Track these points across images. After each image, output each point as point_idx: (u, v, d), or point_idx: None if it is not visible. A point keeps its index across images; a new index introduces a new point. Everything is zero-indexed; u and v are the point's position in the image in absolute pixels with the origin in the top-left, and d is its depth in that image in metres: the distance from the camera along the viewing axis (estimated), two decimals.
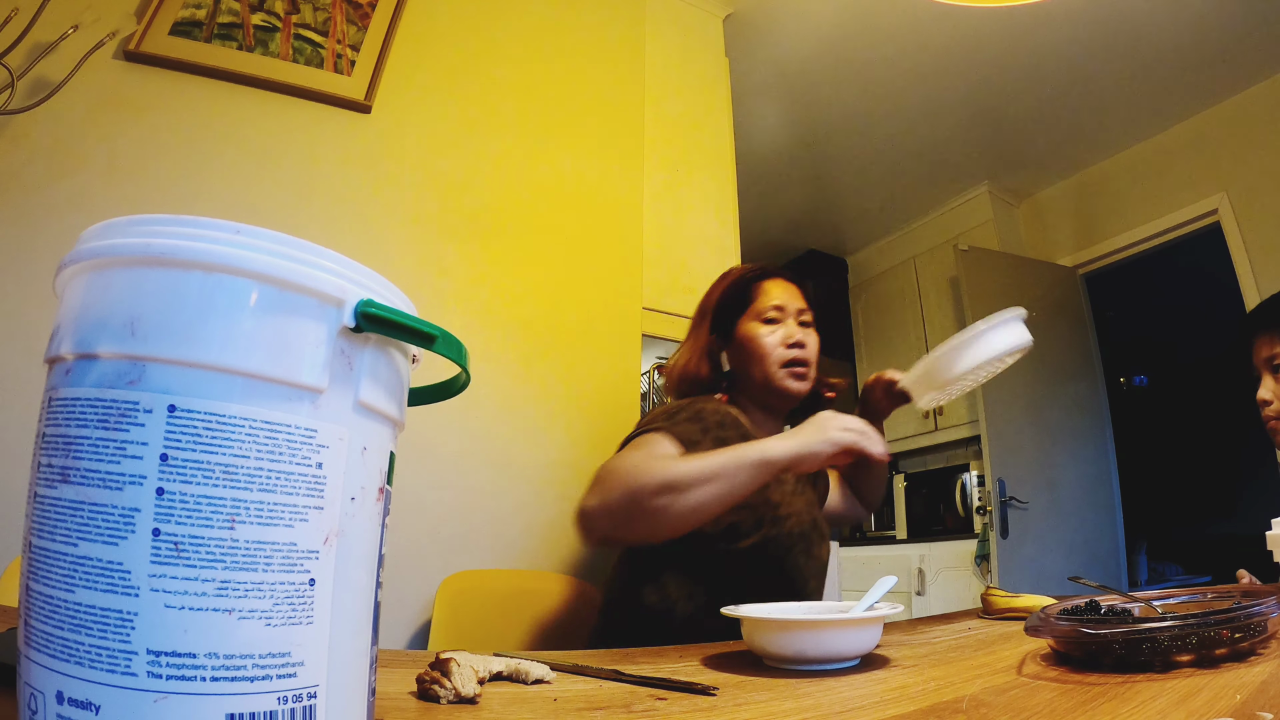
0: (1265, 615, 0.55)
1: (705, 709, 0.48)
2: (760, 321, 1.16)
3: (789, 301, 1.17)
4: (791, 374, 1.13)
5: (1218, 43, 2.46)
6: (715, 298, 1.23)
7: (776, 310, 1.16)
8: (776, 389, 1.13)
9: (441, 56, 1.61)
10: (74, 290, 0.32)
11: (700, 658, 0.70)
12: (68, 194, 1.18)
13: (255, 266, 0.31)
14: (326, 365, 0.32)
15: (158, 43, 1.29)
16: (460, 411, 1.40)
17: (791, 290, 1.20)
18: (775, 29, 2.41)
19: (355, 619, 0.33)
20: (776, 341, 1.14)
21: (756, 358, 1.14)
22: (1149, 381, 4.39)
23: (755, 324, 1.16)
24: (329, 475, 0.32)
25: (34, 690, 0.28)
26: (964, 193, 3.55)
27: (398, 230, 1.45)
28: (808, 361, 1.15)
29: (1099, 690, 0.49)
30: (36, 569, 0.29)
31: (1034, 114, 2.91)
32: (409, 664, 0.61)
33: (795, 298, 1.19)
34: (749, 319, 1.17)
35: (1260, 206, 2.65)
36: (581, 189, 1.72)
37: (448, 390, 0.43)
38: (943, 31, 2.44)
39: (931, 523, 3.40)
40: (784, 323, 1.16)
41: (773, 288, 1.19)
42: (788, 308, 1.17)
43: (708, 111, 2.05)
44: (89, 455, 0.29)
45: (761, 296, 1.18)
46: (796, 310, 1.18)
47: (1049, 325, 3.17)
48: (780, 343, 1.14)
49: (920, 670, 0.61)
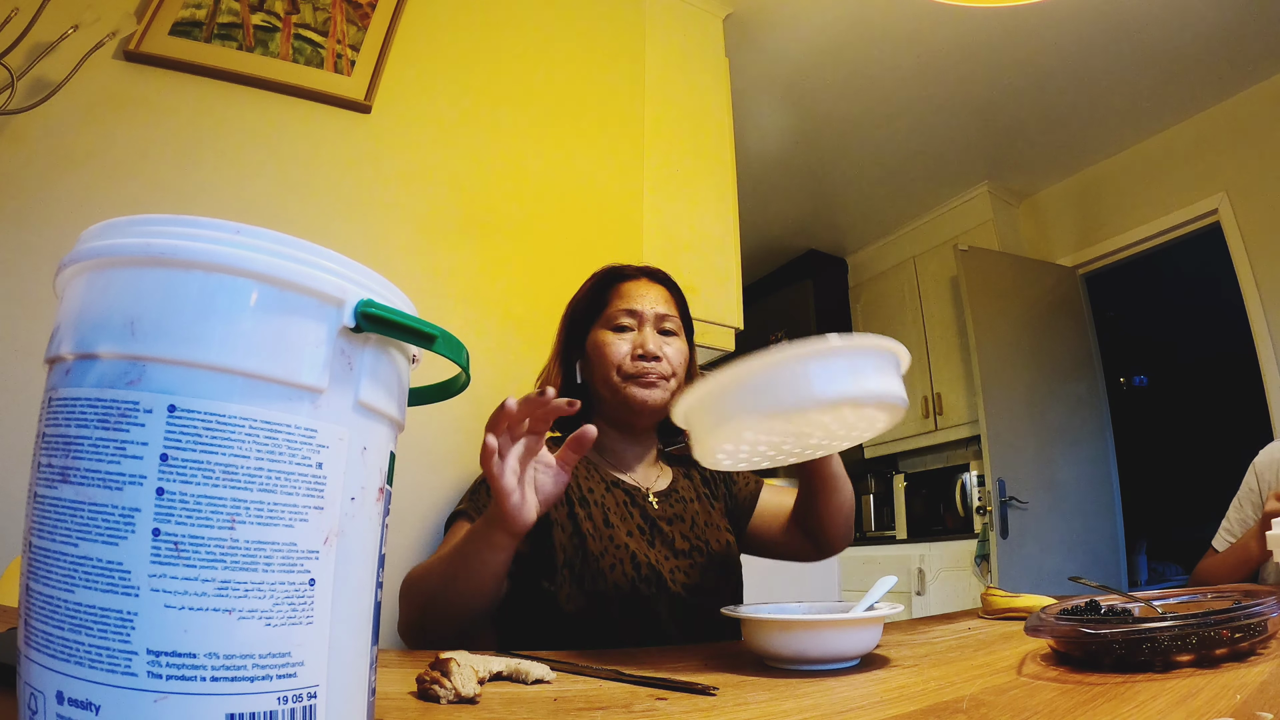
0: (1265, 615, 0.55)
1: (705, 709, 0.49)
2: (610, 329, 1.03)
3: (648, 306, 1.03)
4: (639, 384, 0.99)
5: (1218, 43, 2.46)
6: (572, 303, 1.11)
7: (629, 316, 1.03)
8: (623, 401, 1.00)
9: (441, 56, 1.61)
10: (74, 290, 0.32)
11: (700, 658, 0.70)
12: (68, 194, 1.18)
13: (255, 266, 0.31)
14: (326, 365, 0.32)
15: (158, 43, 1.29)
16: (460, 411, 1.40)
17: (654, 293, 1.06)
18: (775, 29, 2.41)
19: (355, 619, 0.33)
20: (624, 351, 1.00)
21: (600, 369, 1.02)
22: (1149, 381, 4.39)
23: (604, 332, 1.03)
24: (329, 475, 0.32)
25: (34, 690, 0.28)
26: (964, 193, 3.55)
27: (398, 230, 1.45)
28: (660, 374, 1.00)
29: (1099, 690, 0.49)
30: (36, 569, 0.29)
31: (1034, 114, 2.91)
32: (409, 664, 0.61)
33: (657, 301, 1.05)
34: (600, 326, 1.04)
35: (1260, 206, 2.65)
36: (581, 189, 1.72)
37: (448, 390, 0.43)
38: (943, 31, 2.44)
39: (931, 523, 3.40)
40: (640, 330, 1.02)
41: (631, 289, 1.05)
42: (644, 312, 1.03)
43: (708, 111, 2.05)
44: (89, 455, 0.29)
45: (615, 300, 1.04)
46: (656, 315, 1.03)
47: (1049, 325, 3.17)
48: (628, 353, 1.00)
49: (920, 670, 0.61)
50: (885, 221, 3.87)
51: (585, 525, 0.94)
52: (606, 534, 0.94)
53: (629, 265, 1.12)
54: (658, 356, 1.01)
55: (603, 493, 1.00)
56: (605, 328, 1.04)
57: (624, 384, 1.00)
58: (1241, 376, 2.77)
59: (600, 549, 0.92)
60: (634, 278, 1.08)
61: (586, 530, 0.93)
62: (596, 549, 0.92)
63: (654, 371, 1.00)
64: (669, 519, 1.02)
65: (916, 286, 3.72)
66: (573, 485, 0.97)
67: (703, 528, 1.03)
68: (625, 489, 1.03)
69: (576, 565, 0.92)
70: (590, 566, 0.91)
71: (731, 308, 1.87)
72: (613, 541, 0.94)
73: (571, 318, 1.10)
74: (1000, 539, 2.73)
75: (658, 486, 1.07)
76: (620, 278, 1.08)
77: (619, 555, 0.93)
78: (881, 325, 3.91)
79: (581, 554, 0.92)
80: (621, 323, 1.03)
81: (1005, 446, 2.85)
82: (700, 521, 1.04)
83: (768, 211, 3.59)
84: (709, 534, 1.03)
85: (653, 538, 0.98)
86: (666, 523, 1.01)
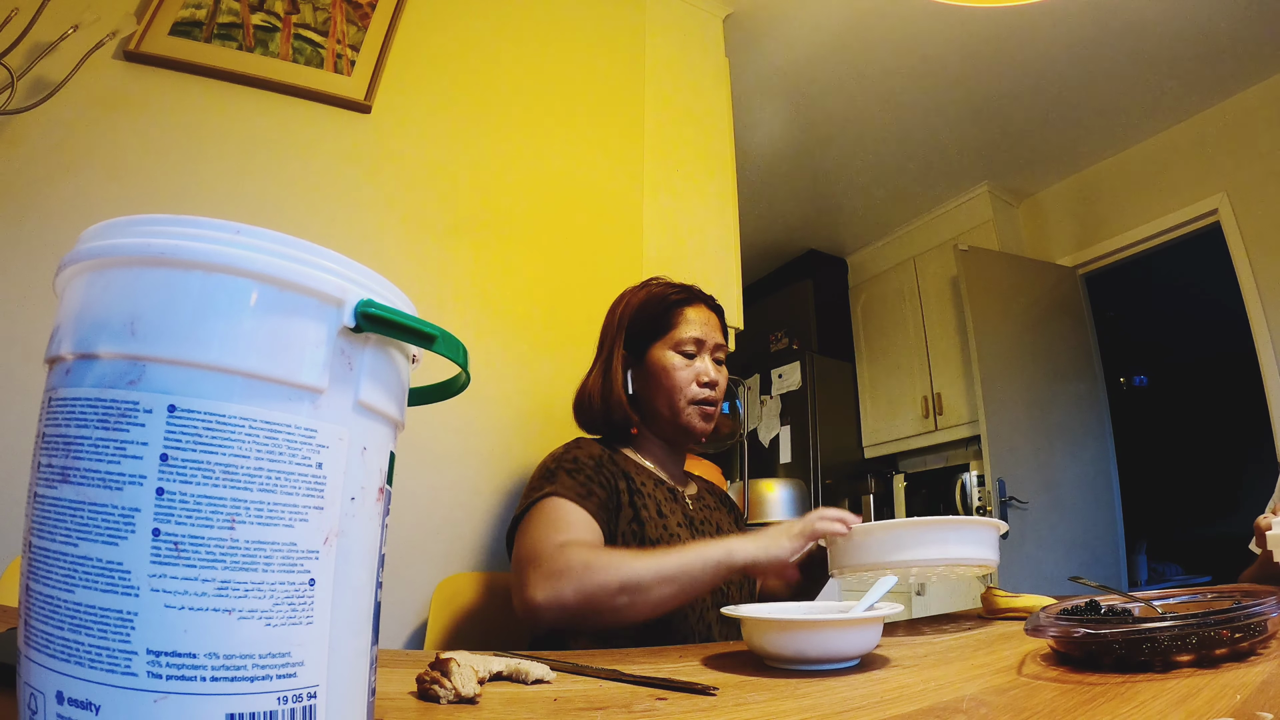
0: (1265, 615, 0.55)
1: (705, 709, 0.48)
2: (677, 352, 1.10)
3: (709, 335, 1.11)
4: (700, 413, 1.09)
5: (1218, 43, 2.46)
6: (630, 314, 1.15)
7: (695, 343, 1.10)
8: (683, 426, 1.09)
9: (441, 56, 1.61)
10: (74, 290, 0.32)
11: (700, 658, 0.70)
12: (68, 194, 1.18)
13: (255, 266, 0.31)
14: (326, 365, 0.32)
15: (158, 43, 1.29)
16: (460, 411, 1.40)
17: (712, 322, 1.14)
18: (775, 29, 2.41)
19: (355, 619, 0.33)
20: (690, 377, 1.08)
21: (668, 390, 1.09)
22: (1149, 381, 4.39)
23: (671, 354, 1.09)
24: (329, 475, 0.32)
25: (34, 690, 0.28)
26: (964, 193, 3.55)
27: (398, 230, 1.45)
28: (716, 401, 1.11)
29: (1099, 690, 0.49)
30: (36, 569, 0.29)
31: (1034, 114, 2.91)
32: (409, 664, 0.61)
33: (715, 330, 1.13)
34: (664, 346, 1.10)
35: (1260, 206, 2.65)
36: (581, 189, 1.72)
37: (448, 390, 0.43)
38: (943, 31, 2.44)
39: None
40: (700, 357, 1.10)
41: (695, 315, 1.12)
42: (706, 341, 1.11)
43: (708, 111, 2.05)
44: (89, 455, 0.29)
45: (682, 325, 1.11)
46: (714, 345, 1.12)
47: (1049, 325, 3.17)
48: (694, 379, 1.09)
49: (920, 670, 0.61)
50: (885, 221, 3.87)
51: (644, 513, 1.01)
52: (660, 523, 1.03)
53: (689, 287, 1.17)
54: (715, 383, 1.11)
55: (653, 488, 1.08)
56: (671, 349, 1.10)
57: (690, 412, 1.09)
58: (1241, 376, 2.77)
59: (657, 535, 1.00)
60: (696, 303, 1.14)
61: (645, 517, 1.01)
62: (654, 535, 1.00)
63: (714, 399, 1.10)
64: (701, 520, 1.12)
65: (916, 286, 3.71)
66: (630, 478, 1.04)
67: (726, 533, 1.14)
68: (668, 488, 1.11)
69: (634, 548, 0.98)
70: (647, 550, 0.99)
71: (731, 308, 1.87)
72: (666, 530, 1.02)
73: (629, 330, 1.14)
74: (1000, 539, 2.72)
75: (689, 491, 1.17)
76: (684, 301, 1.14)
77: (672, 543, 1.00)
78: (881, 325, 3.91)
79: (640, 538, 0.99)
80: (688, 350, 1.10)
81: (1005, 446, 2.85)
82: (724, 528, 1.16)
83: (768, 211, 3.59)
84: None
85: (693, 533, 1.08)
86: (701, 523, 1.11)
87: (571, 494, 0.96)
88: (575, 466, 1.00)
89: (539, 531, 0.92)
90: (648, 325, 1.13)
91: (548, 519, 0.93)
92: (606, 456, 1.05)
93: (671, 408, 1.09)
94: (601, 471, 1.01)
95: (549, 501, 0.95)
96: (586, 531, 0.93)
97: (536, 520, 0.94)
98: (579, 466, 1.00)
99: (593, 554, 0.87)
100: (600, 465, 1.02)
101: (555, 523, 0.93)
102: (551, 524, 0.92)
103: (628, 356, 1.13)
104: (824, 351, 3.85)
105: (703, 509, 1.14)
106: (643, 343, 1.12)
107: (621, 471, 1.04)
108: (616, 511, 1.00)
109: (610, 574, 0.83)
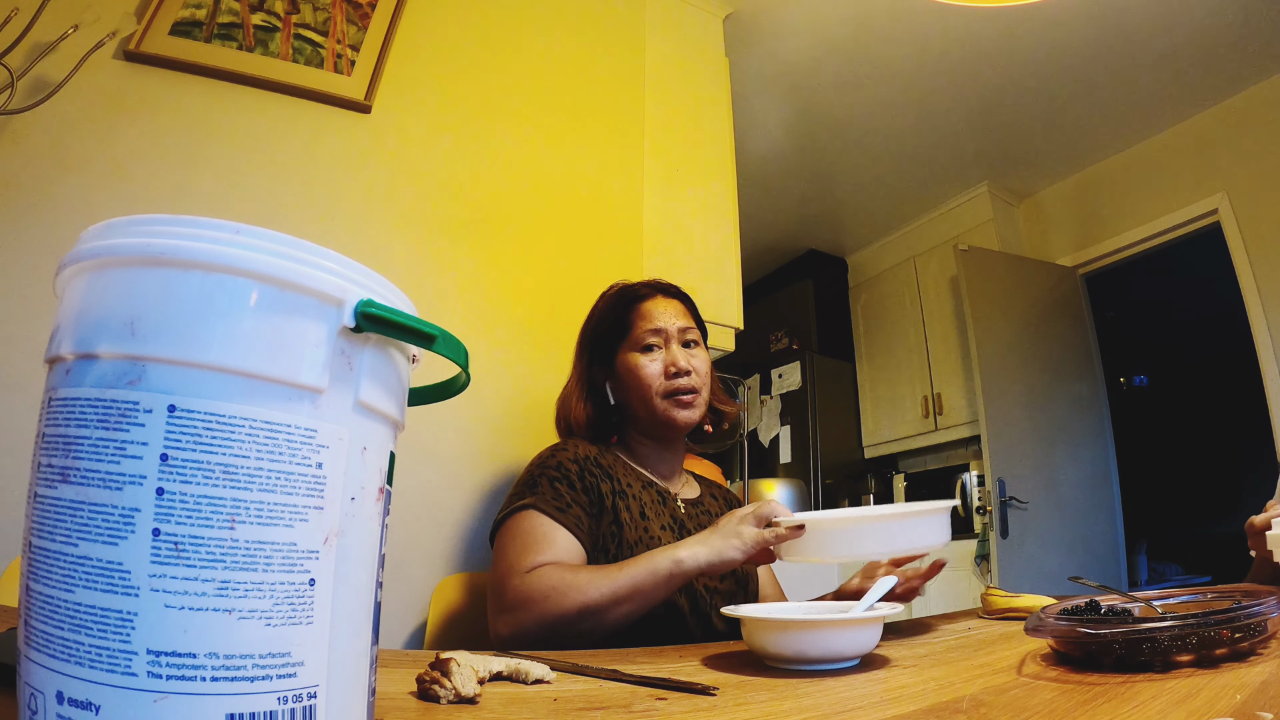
0: (1265, 615, 0.55)
1: (705, 709, 0.48)
2: (639, 350, 1.09)
3: (669, 322, 1.10)
4: (676, 404, 1.07)
5: (1218, 42, 2.46)
6: (591, 327, 1.15)
7: (654, 335, 1.09)
8: (662, 421, 1.07)
9: (441, 56, 1.61)
10: (74, 290, 0.32)
11: (700, 658, 0.70)
12: (68, 194, 1.18)
13: (255, 266, 0.31)
14: (326, 365, 0.32)
15: (158, 43, 1.29)
16: (460, 411, 1.40)
17: (673, 308, 1.12)
18: (775, 29, 2.41)
19: (355, 619, 0.33)
20: (657, 370, 1.07)
21: (638, 390, 1.08)
22: (1149, 381, 4.39)
23: (634, 354, 1.09)
24: (329, 475, 0.32)
25: (34, 690, 0.28)
26: (964, 193, 3.55)
27: (397, 230, 1.45)
28: (694, 388, 1.08)
29: (1099, 690, 0.49)
30: (36, 569, 0.29)
31: (1034, 114, 2.91)
32: (409, 664, 0.61)
33: (678, 316, 1.11)
34: (628, 348, 1.10)
35: (1260, 206, 2.65)
36: (581, 189, 1.72)
37: (448, 390, 0.43)
38: (943, 31, 2.44)
39: None
40: (666, 347, 1.09)
41: (651, 308, 1.11)
42: (668, 329, 1.09)
43: (708, 111, 2.05)
44: (89, 455, 0.29)
45: (638, 321, 1.10)
46: (679, 330, 1.10)
47: (1049, 325, 3.17)
48: (661, 371, 1.07)
49: (920, 670, 0.61)
50: (885, 221, 3.87)
51: (624, 515, 1.00)
52: (642, 525, 1.01)
53: (640, 283, 1.17)
54: (688, 370, 1.08)
55: (639, 489, 1.06)
56: (634, 350, 1.10)
57: (664, 405, 1.07)
58: (1241, 376, 2.77)
59: (635, 538, 0.98)
60: (650, 296, 1.13)
61: (624, 520, 0.99)
62: (632, 538, 0.98)
63: (688, 387, 1.07)
64: (695, 524, 1.09)
65: (916, 286, 3.71)
66: (614, 478, 1.03)
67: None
68: (657, 490, 1.10)
69: (612, 550, 0.97)
70: (625, 554, 0.96)
71: (731, 308, 1.87)
72: (647, 533, 1.00)
73: (594, 341, 1.15)
74: (1000, 539, 2.73)
75: (685, 494, 1.15)
76: (637, 298, 1.13)
77: (652, 546, 0.98)
78: (881, 325, 3.91)
79: (618, 541, 0.98)
80: (649, 343, 1.09)
81: (1005, 446, 2.85)
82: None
83: (768, 211, 3.59)
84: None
85: (679, 537, 1.04)
86: (695, 527, 1.08)
87: (550, 507, 0.95)
88: (559, 474, 0.99)
89: (511, 551, 0.92)
90: (610, 331, 1.13)
91: (522, 537, 0.93)
92: (594, 456, 1.04)
93: (647, 406, 1.08)
94: (585, 475, 1.00)
95: (526, 515, 0.95)
96: (560, 549, 0.92)
97: (511, 535, 0.94)
98: (563, 473, 0.99)
99: (558, 577, 0.86)
100: (585, 468, 1.01)
101: (527, 541, 0.92)
102: (523, 544, 0.92)
103: (599, 372, 1.13)
104: (824, 351, 3.85)
105: (701, 514, 1.12)
106: (610, 351, 1.12)
107: (607, 473, 1.03)
108: (599, 516, 0.99)
109: (569, 600, 0.83)
